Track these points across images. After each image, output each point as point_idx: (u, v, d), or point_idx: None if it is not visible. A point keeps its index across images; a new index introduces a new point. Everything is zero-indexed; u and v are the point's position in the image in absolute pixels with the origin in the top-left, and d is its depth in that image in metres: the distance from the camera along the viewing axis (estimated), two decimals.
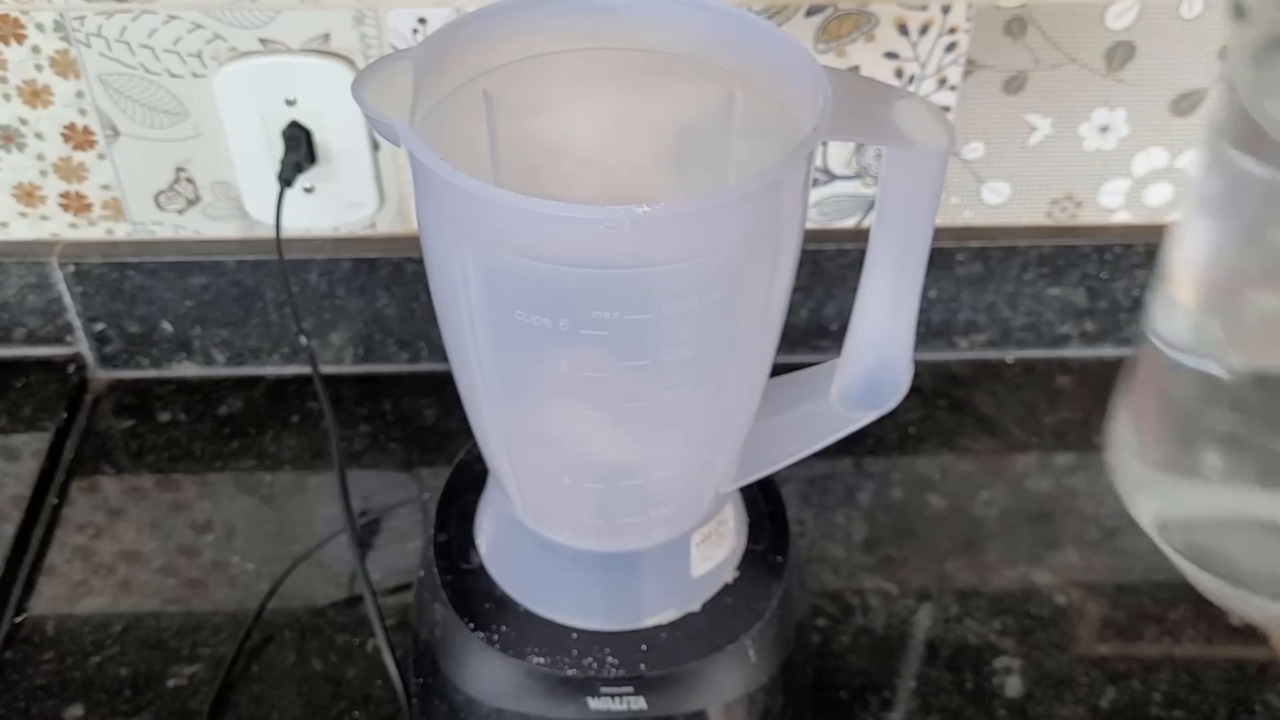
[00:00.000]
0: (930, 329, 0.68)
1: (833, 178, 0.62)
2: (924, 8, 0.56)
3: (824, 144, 0.61)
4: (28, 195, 0.61)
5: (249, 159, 0.59)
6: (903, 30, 0.57)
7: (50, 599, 0.56)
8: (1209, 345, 0.32)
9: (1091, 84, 0.59)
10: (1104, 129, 0.61)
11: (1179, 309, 0.33)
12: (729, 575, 0.46)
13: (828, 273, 0.64)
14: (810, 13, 0.56)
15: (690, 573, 0.45)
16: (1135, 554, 0.58)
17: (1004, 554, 0.58)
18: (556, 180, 0.41)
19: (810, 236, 0.57)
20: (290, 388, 0.66)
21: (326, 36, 0.56)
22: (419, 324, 0.65)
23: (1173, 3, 0.57)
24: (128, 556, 0.57)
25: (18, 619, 0.55)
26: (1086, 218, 0.64)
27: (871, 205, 0.63)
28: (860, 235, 0.63)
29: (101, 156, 0.59)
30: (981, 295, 0.66)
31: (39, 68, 0.56)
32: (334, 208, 0.61)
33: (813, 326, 0.67)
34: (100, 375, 0.67)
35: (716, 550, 0.45)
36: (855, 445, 0.56)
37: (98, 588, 0.56)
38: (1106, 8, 0.56)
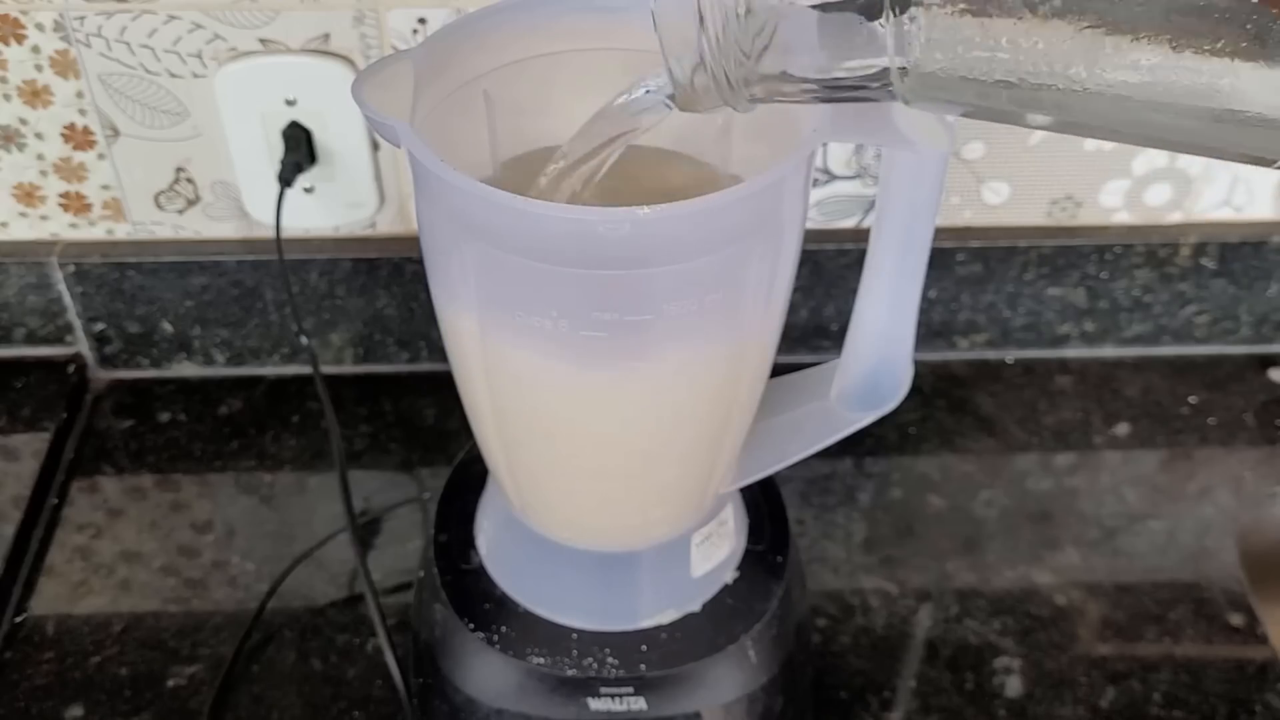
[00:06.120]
0: (930, 329, 0.68)
1: (833, 178, 0.62)
2: None
3: (824, 144, 0.61)
4: (28, 195, 0.61)
5: (249, 159, 0.59)
6: None
7: (50, 599, 0.56)
8: None
9: None
10: None
11: None
12: (729, 575, 0.46)
13: (828, 273, 0.64)
14: None
15: (690, 573, 0.45)
16: (1135, 554, 0.58)
17: (1004, 554, 0.58)
18: None
19: (810, 236, 0.56)
20: (290, 388, 0.66)
21: (326, 36, 0.56)
22: (419, 324, 0.65)
23: None
24: (128, 556, 0.57)
25: (18, 619, 0.55)
26: (1086, 218, 0.64)
27: (871, 205, 0.63)
28: (860, 235, 0.63)
29: (101, 156, 0.59)
30: (981, 295, 0.66)
31: (39, 68, 0.56)
32: (334, 208, 0.61)
33: (813, 326, 0.67)
34: (100, 375, 0.67)
35: (716, 550, 0.45)
36: (855, 445, 0.56)
37: (98, 588, 0.56)
38: None
